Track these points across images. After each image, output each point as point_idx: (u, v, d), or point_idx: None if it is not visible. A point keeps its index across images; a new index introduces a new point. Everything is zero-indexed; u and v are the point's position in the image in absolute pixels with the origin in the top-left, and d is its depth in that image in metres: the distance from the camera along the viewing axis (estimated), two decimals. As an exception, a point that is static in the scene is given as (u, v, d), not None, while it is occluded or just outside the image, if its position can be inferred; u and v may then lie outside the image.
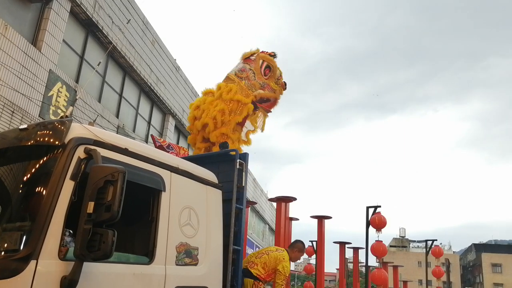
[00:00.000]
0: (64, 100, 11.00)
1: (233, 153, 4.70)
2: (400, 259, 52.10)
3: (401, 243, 76.55)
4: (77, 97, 10.41)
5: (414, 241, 75.81)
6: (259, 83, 6.27)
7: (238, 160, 4.58)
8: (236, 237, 4.43)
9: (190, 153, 8.61)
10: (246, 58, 6.42)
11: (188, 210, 3.84)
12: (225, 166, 4.64)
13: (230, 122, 5.92)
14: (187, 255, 3.72)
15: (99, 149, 3.05)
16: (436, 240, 14.98)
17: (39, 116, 10.20)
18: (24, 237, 2.77)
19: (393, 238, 74.94)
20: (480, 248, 74.67)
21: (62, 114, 10.39)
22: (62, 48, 11.26)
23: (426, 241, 14.96)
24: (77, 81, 11.94)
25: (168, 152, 4.85)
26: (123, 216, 2.76)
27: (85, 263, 2.73)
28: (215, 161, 4.77)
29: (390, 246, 68.49)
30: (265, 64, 6.38)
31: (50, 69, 10.61)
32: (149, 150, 3.80)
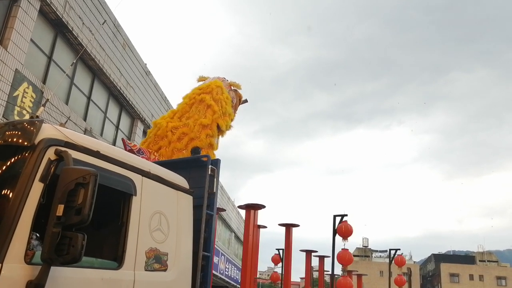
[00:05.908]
0: (30, 100, 10.69)
1: (205, 159, 4.70)
2: (363, 268, 52.81)
3: (364, 252, 77.76)
4: (47, 98, 10.13)
5: (376, 251, 77.16)
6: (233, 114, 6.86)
7: (210, 166, 4.58)
8: (206, 243, 4.43)
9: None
10: (233, 88, 6.95)
11: (159, 215, 3.82)
12: (197, 172, 4.63)
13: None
14: (157, 261, 3.69)
15: (70, 151, 3.01)
16: (400, 249, 15.25)
17: (3, 116, 9.87)
18: (-11, 240, 2.69)
19: (356, 247, 76.04)
20: (439, 258, 76.94)
21: (28, 114, 10.13)
22: (29, 47, 10.94)
23: (389, 250, 15.23)
24: (44, 82, 11.62)
25: (138, 156, 4.79)
26: (92, 219, 2.72)
27: (52, 268, 2.68)
28: (187, 167, 4.75)
29: (354, 255, 69.30)
30: (239, 105, 7.11)
31: (16, 69, 10.29)
32: (121, 153, 3.77)
